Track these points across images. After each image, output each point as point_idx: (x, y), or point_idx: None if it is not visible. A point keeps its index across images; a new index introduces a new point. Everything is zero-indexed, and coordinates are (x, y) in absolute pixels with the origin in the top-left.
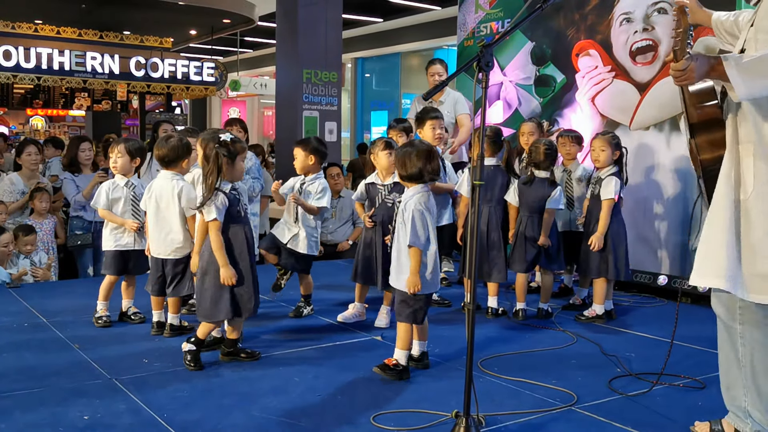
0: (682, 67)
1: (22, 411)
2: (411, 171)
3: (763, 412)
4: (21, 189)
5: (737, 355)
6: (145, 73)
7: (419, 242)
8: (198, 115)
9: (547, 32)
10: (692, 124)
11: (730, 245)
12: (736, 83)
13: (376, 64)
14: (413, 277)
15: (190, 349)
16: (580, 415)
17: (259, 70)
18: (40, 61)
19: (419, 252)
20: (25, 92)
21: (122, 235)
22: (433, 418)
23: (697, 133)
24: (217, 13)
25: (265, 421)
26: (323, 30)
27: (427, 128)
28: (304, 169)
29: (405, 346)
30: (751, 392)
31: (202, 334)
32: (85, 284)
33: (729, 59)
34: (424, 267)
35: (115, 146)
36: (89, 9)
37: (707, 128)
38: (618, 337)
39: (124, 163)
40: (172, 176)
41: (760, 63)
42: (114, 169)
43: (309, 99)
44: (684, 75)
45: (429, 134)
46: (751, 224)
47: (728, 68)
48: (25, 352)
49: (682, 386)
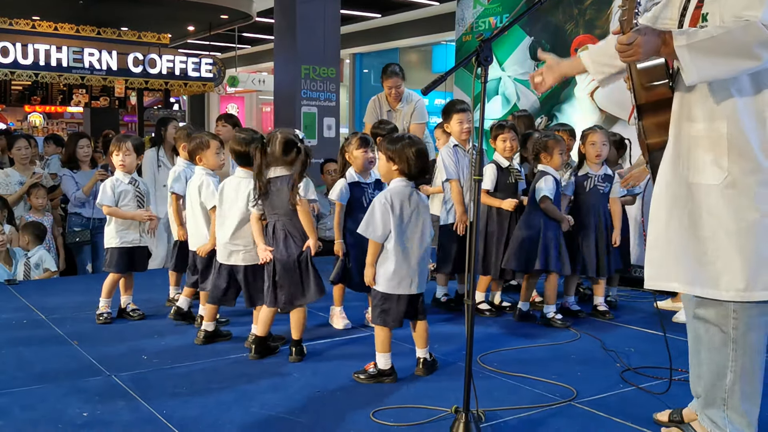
0: (627, 41)
1: (21, 408)
2: (402, 165)
3: (743, 414)
4: (17, 180)
5: (725, 361)
6: (143, 70)
7: (369, 231)
8: (196, 112)
9: (546, 27)
10: (639, 106)
11: (687, 234)
12: (687, 66)
13: (374, 60)
14: (368, 268)
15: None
16: (580, 410)
17: (258, 66)
18: (38, 57)
19: (375, 244)
20: (23, 89)
21: (128, 231)
22: (433, 414)
23: (645, 115)
24: (215, 9)
25: (265, 417)
26: (321, 25)
27: (454, 122)
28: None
29: (381, 349)
30: (735, 395)
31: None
32: (83, 281)
33: (681, 36)
34: (384, 264)
35: (122, 144)
36: (87, 5)
37: (655, 110)
38: (616, 332)
39: (132, 160)
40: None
41: (716, 43)
42: (122, 167)
43: (307, 95)
44: (630, 50)
45: (456, 129)
46: (719, 218)
47: (679, 48)
48: (24, 349)
49: (679, 380)
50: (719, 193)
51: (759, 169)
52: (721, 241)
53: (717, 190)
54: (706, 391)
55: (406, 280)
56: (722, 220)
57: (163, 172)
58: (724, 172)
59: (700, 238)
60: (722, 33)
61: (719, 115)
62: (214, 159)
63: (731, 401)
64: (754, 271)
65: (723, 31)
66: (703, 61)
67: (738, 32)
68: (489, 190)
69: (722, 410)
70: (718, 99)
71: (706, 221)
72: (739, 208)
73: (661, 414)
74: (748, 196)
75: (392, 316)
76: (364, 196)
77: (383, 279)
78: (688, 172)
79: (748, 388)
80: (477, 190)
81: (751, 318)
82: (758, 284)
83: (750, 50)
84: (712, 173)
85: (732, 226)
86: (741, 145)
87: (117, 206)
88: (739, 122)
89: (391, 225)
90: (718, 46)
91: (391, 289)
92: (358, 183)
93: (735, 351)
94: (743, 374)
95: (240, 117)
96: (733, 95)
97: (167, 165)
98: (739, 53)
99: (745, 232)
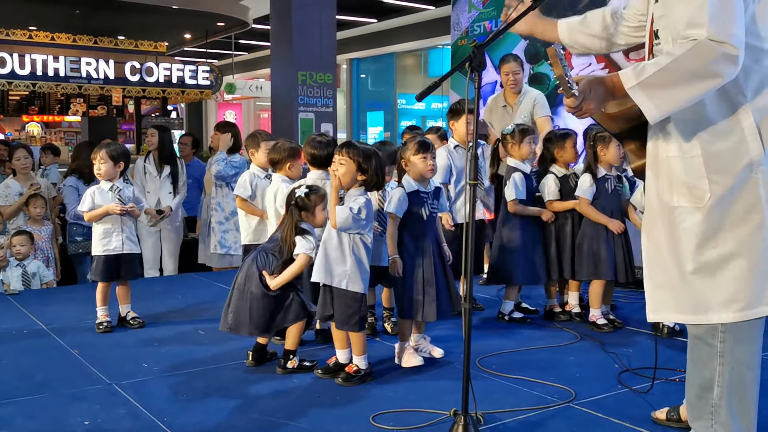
0: (574, 105)
1: (22, 417)
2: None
3: (731, 431)
4: (17, 191)
5: (712, 374)
6: (140, 78)
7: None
8: (194, 119)
9: None
10: (616, 135)
11: (678, 260)
12: (645, 105)
13: (371, 65)
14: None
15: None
16: (579, 411)
17: (254, 72)
18: (35, 67)
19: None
20: (21, 99)
21: (109, 239)
22: (432, 417)
23: (625, 142)
24: (211, 17)
25: (265, 423)
26: (317, 31)
27: (463, 121)
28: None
29: (362, 351)
30: (722, 410)
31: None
32: (83, 290)
33: (628, 76)
34: (358, 263)
35: (97, 153)
36: (83, 15)
37: (632, 134)
38: (617, 333)
39: (108, 168)
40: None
41: (667, 74)
42: (98, 175)
43: (304, 101)
44: (581, 112)
45: (462, 129)
46: (706, 240)
47: (631, 90)
48: (25, 358)
49: (678, 381)
50: (704, 214)
51: (746, 179)
52: (713, 263)
53: (701, 212)
54: (692, 404)
55: (367, 279)
56: (709, 243)
57: (148, 180)
58: (706, 193)
59: (688, 262)
60: (670, 62)
61: (692, 136)
62: (299, 170)
63: (719, 416)
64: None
65: (671, 59)
66: (659, 95)
67: (687, 56)
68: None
69: (710, 424)
70: (689, 118)
71: (692, 244)
72: (719, 228)
73: (659, 412)
74: (735, 212)
75: (365, 315)
76: (423, 207)
77: (363, 278)
78: (670, 196)
79: (737, 403)
80: (472, 193)
81: (741, 331)
82: (755, 302)
83: (706, 71)
84: (693, 195)
85: (718, 249)
86: (720, 165)
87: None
88: (713, 143)
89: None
90: (671, 76)
91: (364, 289)
92: (417, 192)
93: (722, 365)
94: (730, 389)
95: (238, 123)
96: (702, 113)
97: (151, 172)
98: (696, 77)
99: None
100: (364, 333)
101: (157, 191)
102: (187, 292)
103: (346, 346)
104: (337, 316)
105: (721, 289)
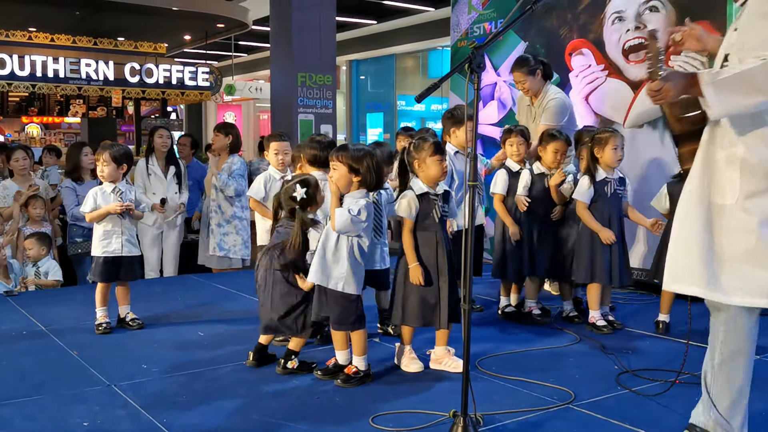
0: (656, 88)
1: (22, 418)
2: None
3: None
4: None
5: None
6: (140, 79)
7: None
8: (194, 121)
9: (540, 32)
10: (675, 136)
11: (705, 247)
12: (712, 102)
13: (370, 66)
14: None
15: None
16: (578, 413)
17: (254, 74)
18: (35, 68)
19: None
20: (20, 100)
21: (109, 241)
22: (432, 419)
23: (681, 144)
24: (211, 18)
25: (265, 424)
26: (317, 33)
27: (462, 131)
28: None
29: (362, 352)
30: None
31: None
32: (83, 291)
33: (704, 76)
34: (356, 265)
35: (100, 154)
36: (83, 16)
37: (690, 138)
38: (616, 334)
39: (111, 170)
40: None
41: (738, 80)
42: (102, 177)
43: (304, 102)
44: (659, 95)
45: (464, 137)
46: (730, 233)
47: (704, 86)
48: (25, 359)
49: (679, 382)
50: (734, 211)
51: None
52: (736, 256)
53: (732, 209)
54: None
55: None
56: (737, 236)
57: (153, 181)
58: (737, 192)
59: (717, 253)
60: (744, 70)
61: (739, 141)
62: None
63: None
64: None
65: (744, 68)
66: (726, 96)
67: (757, 70)
68: (502, 195)
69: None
70: (740, 127)
71: (723, 237)
72: (748, 224)
73: None
74: (757, 214)
75: (362, 314)
76: (434, 211)
77: (357, 279)
78: (710, 193)
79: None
80: (471, 195)
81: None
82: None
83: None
84: (729, 193)
85: (744, 243)
86: (754, 166)
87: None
88: (756, 147)
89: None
90: (740, 83)
91: (359, 290)
92: (426, 194)
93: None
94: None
95: (237, 125)
96: (753, 124)
97: (157, 173)
98: (759, 89)
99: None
100: (364, 331)
101: (164, 192)
102: (186, 294)
103: (345, 348)
104: (334, 318)
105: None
